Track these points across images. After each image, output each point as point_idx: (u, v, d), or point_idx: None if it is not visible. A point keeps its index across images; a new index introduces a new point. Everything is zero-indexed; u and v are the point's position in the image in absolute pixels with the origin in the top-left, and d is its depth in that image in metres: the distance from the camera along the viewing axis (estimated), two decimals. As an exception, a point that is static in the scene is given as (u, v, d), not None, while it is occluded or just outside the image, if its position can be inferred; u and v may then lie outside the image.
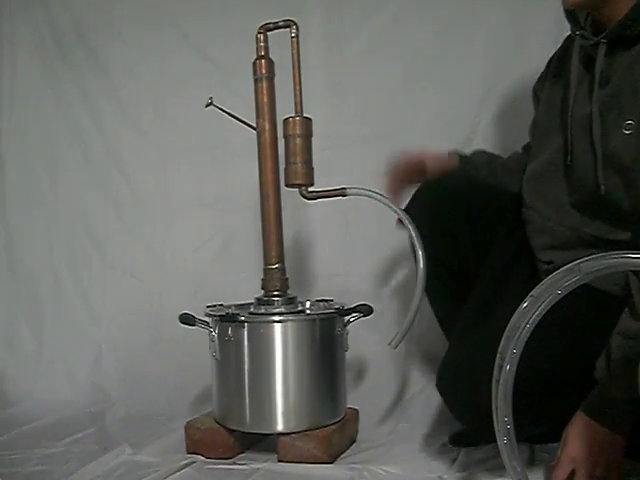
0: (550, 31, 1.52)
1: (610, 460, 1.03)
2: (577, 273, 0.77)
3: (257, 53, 1.39)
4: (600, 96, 1.11)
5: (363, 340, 1.65)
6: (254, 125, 1.40)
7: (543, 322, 0.81)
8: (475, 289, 1.34)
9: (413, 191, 1.39)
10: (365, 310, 1.39)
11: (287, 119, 1.33)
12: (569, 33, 1.24)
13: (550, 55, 1.35)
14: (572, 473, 1.03)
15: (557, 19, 1.28)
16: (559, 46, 1.34)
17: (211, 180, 1.95)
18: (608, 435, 1.03)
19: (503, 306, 1.10)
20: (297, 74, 1.33)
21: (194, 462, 1.30)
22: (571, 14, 1.19)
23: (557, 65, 1.31)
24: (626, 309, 1.02)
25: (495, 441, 1.26)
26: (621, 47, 1.09)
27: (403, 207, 1.37)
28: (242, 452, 1.36)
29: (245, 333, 1.31)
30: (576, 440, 1.03)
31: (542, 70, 1.38)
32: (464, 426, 1.29)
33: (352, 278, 1.80)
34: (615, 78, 1.10)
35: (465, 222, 1.31)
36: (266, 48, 1.39)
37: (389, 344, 1.26)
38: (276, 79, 1.40)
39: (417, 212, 1.32)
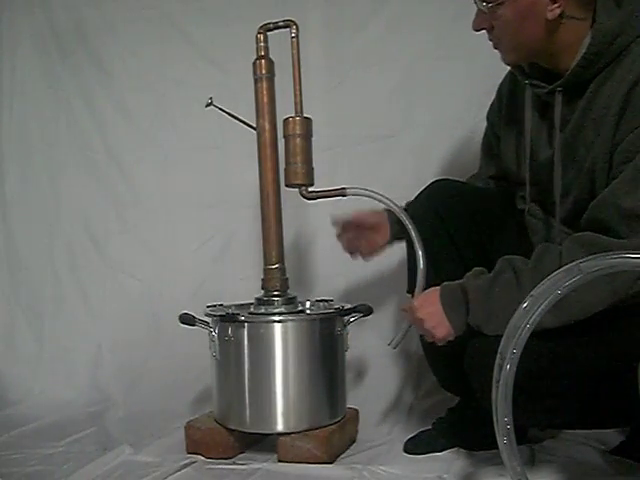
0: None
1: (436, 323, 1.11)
2: (577, 273, 0.77)
3: (257, 53, 1.39)
4: (561, 140, 1.15)
5: (363, 340, 1.65)
6: (254, 125, 1.40)
7: None
8: None
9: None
10: (365, 310, 1.39)
11: (287, 119, 1.33)
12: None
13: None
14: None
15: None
16: (506, 75, 1.34)
17: (211, 180, 1.95)
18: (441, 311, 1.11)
19: None
20: (297, 74, 1.33)
21: (194, 462, 1.31)
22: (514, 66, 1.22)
23: (509, 103, 1.32)
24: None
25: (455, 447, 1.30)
26: (576, 92, 1.12)
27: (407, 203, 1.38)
28: (242, 452, 1.36)
29: (245, 333, 1.32)
30: (422, 296, 1.17)
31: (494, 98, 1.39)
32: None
33: (352, 278, 1.80)
34: (572, 122, 1.13)
35: (468, 223, 1.31)
36: (266, 48, 1.39)
37: (389, 344, 1.26)
38: (276, 79, 1.40)
39: (419, 210, 1.32)
